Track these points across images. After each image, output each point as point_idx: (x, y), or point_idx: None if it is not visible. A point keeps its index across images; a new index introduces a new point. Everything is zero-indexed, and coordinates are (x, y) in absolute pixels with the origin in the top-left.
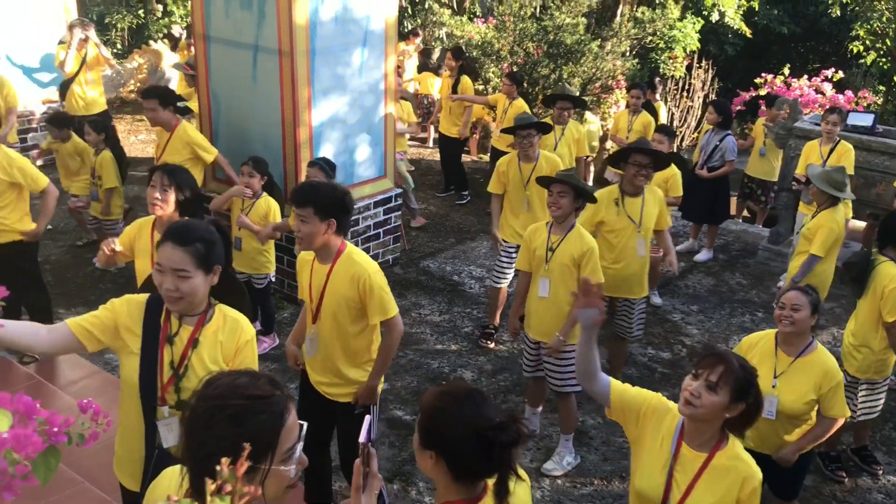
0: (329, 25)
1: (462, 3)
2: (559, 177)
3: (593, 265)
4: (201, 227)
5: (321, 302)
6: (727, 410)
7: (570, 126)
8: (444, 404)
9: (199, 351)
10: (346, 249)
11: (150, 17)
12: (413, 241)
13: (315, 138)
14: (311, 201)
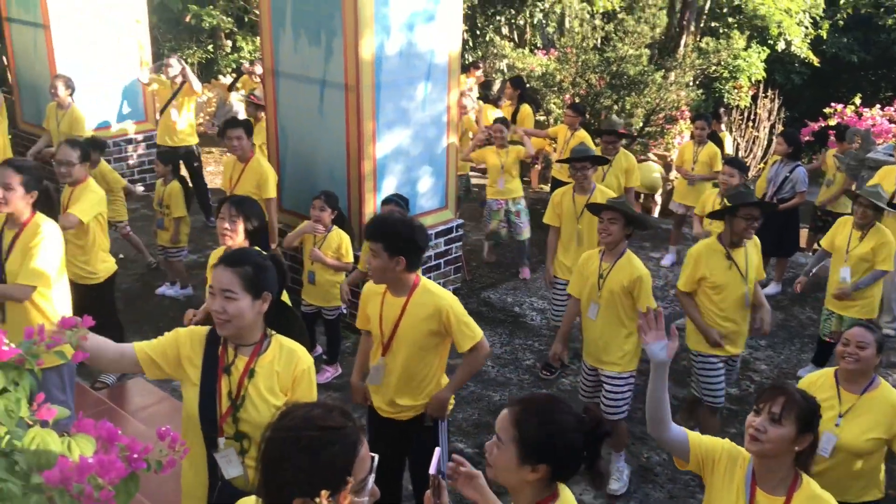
0: (394, 60)
1: (523, 35)
2: (610, 203)
3: (645, 293)
4: (255, 253)
5: (394, 334)
6: (795, 443)
7: (619, 156)
8: (550, 416)
9: (256, 381)
10: (420, 283)
11: (220, 52)
12: (474, 272)
13: (379, 170)
14: (382, 237)
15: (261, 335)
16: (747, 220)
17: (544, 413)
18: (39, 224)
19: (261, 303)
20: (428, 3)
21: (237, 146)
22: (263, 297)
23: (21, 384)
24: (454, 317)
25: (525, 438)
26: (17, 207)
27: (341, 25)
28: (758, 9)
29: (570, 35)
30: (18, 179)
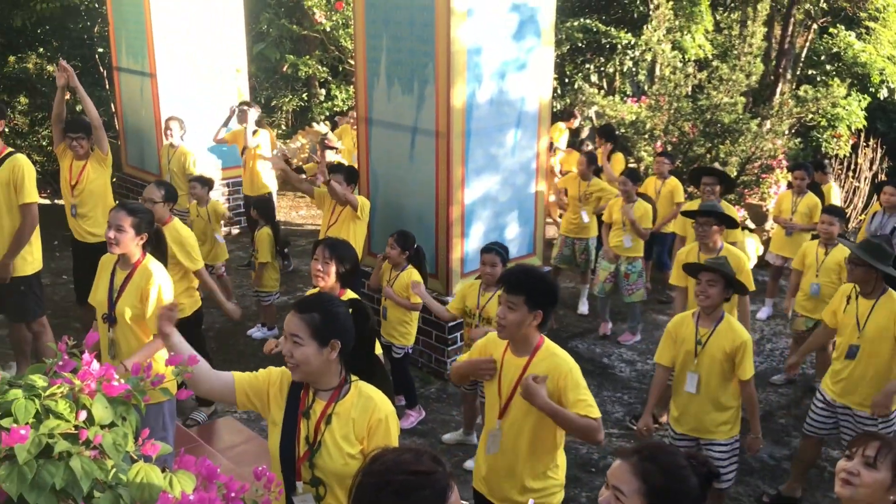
0: (484, 107)
1: (612, 83)
2: (708, 264)
3: (748, 359)
4: (327, 299)
5: (511, 397)
6: (891, 492)
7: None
8: (672, 461)
9: (332, 427)
10: (544, 343)
11: (314, 100)
12: (561, 321)
13: (467, 216)
14: (525, 289)
15: (339, 381)
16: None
17: (664, 460)
18: (151, 270)
19: (329, 350)
20: (520, 52)
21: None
22: (332, 344)
23: (128, 419)
24: (572, 385)
25: (651, 488)
26: (129, 249)
27: (434, 74)
28: (858, 56)
29: (663, 83)
30: (130, 222)
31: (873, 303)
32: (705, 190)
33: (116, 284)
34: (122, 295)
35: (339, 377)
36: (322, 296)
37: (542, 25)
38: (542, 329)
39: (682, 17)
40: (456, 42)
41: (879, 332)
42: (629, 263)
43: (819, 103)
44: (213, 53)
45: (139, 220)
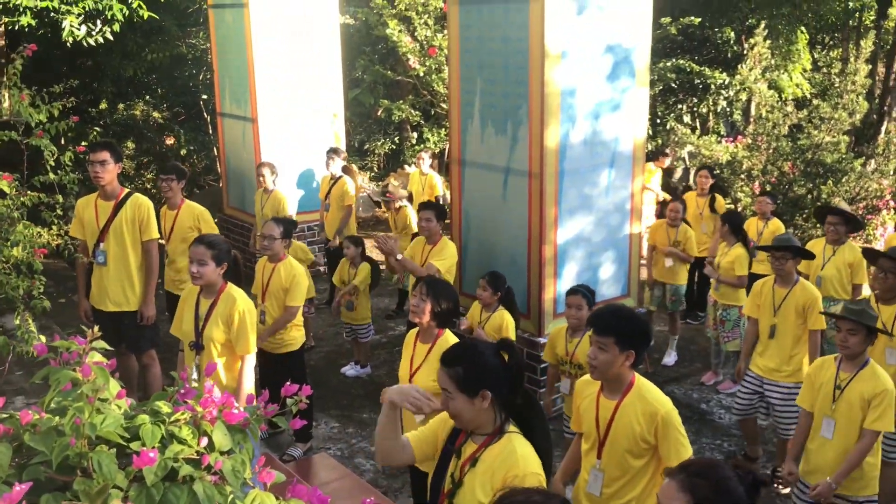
0: (578, 148)
1: (705, 123)
2: (847, 314)
3: (883, 410)
4: (472, 349)
5: (606, 436)
6: None
7: (844, 247)
8: (719, 474)
9: (475, 470)
10: (636, 382)
11: (406, 143)
12: (656, 364)
13: (560, 256)
14: (615, 330)
15: (494, 428)
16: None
17: (712, 473)
18: (235, 297)
19: (480, 400)
20: (614, 92)
21: (425, 227)
22: (482, 394)
23: (245, 446)
24: (667, 426)
25: (700, 501)
26: (211, 280)
27: (527, 115)
28: None
29: (760, 122)
30: (210, 254)
31: None
32: (829, 230)
33: (202, 313)
34: (208, 322)
35: (495, 424)
36: (467, 346)
37: (637, 66)
38: (637, 365)
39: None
40: (550, 84)
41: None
42: (724, 310)
43: None
44: (311, 99)
45: (218, 251)
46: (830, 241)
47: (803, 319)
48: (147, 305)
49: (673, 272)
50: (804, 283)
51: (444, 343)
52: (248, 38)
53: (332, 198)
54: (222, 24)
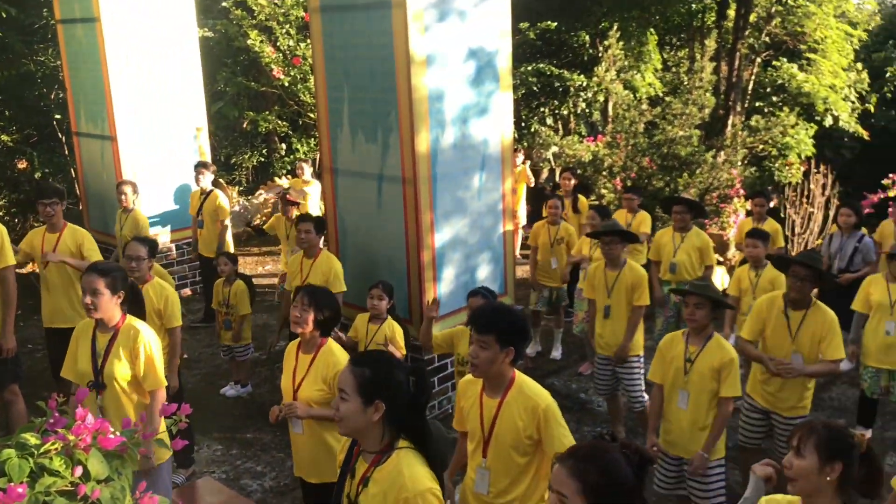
0: (449, 152)
1: (567, 124)
2: (693, 288)
3: (733, 378)
4: (386, 359)
5: (491, 435)
6: (823, 473)
7: (691, 234)
8: (606, 457)
9: (368, 491)
10: (517, 379)
11: (275, 155)
12: (535, 360)
13: (438, 259)
14: (495, 328)
15: (383, 445)
16: (795, 278)
17: (599, 457)
18: (138, 328)
19: (373, 410)
20: (480, 96)
21: (304, 239)
22: (375, 405)
23: (124, 473)
24: (547, 419)
25: (589, 485)
26: (108, 311)
27: (397, 122)
28: (802, 86)
29: (618, 121)
30: (103, 283)
31: (804, 314)
32: (676, 218)
33: (100, 349)
34: (107, 358)
35: (382, 441)
36: (384, 354)
37: (500, 70)
38: (517, 362)
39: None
40: (417, 89)
41: (812, 341)
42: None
43: (770, 132)
44: (173, 114)
45: (113, 279)
46: (678, 228)
47: (633, 299)
48: (6, 337)
49: (557, 275)
50: (632, 264)
51: (327, 352)
52: (101, 54)
53: (204, 213)
54: (73, 40)
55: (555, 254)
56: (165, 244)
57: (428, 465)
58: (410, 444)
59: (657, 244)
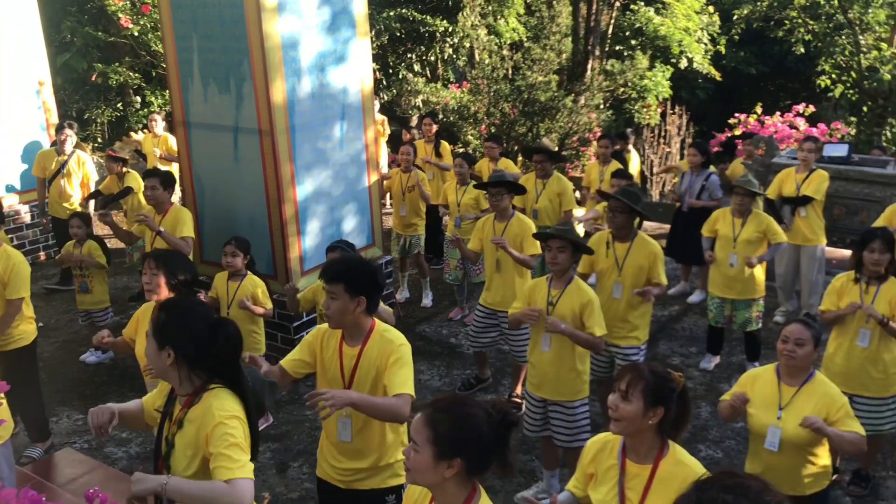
0: (306, 102)
1: (435, 70)
2: (555, 232)
3: (596, 317)
4: (177, 303)
5: (351, 384)
6: (647, 417)
7: (552, 180)
8: (460, 411)
9: (183, 432)
10: (376, 327)
11: (129, 109)
12: (407, 308)
13: (301, 213)
14: (343, 277)
15: (194, 388)
16: (610, 210)
17: (454, 409)
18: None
19: (165, 355)
20: (336, 44)
21: (151, 196)
22: (166, 350)
23: None
24: (396, 359)
25: (439, 435)
26: None
27: (250, 71)
28: (658, 30)
29: (481, 67)
30: None
31: (628, 246)
32: (537, 166)
33: None
34: None
35: (194, 385)
36: (177, 301)
37: (356, 16)
38: (372, 311)
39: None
40: (270, 37)
41: (636, 271)
42: None
43: (626, 76)
44: (9, 67)
45: None
46: (539, 175)
47: (522, 249)
48: None
49: (410, 223)
50: (519, 216)
51: None
52: None
53: (68, 174)
54: None
55: (406, 201)
56: (13, 207)
57: (241, 403)
58: (222, 385)
59: None
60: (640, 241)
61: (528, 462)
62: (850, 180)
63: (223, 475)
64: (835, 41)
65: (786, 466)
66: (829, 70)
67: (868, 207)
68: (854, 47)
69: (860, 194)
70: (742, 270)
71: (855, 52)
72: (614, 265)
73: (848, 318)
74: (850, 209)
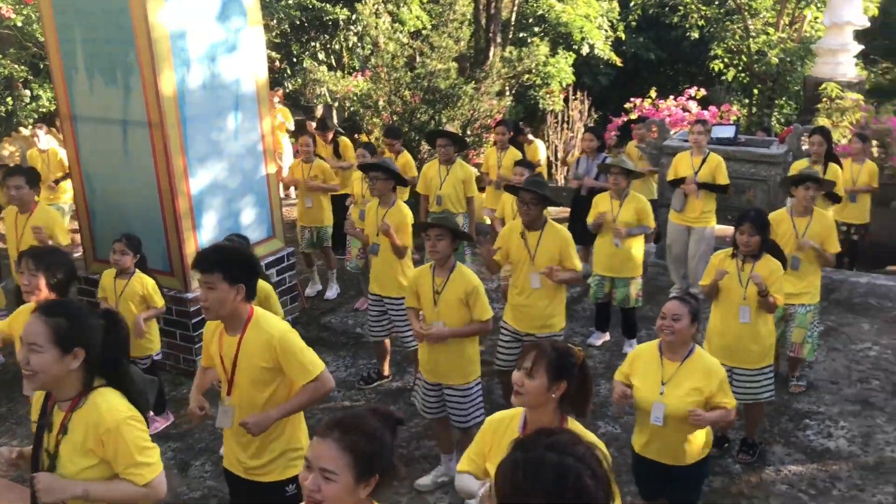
0: (198, 93)
1: (340, 59)
2: (433, 220)
3: (481, 303)
4: (76, 305)
5: (233, 373)
6: (550, 391)
7: (455, 166)
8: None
9: (69, 437)
10: (254, 315)
11: (18, 103)
12: (312, 300)
13: (196, 207)
14: (220, 266)
15: (77, 390)
16: (521, 202)
17: (362, 426)
18: None
19: (70, 358)
20: (228, 33)
21: (16, 196)
22: (74, 353)
23: None
24: (284, 350)
25: (358, 457)
26: None
27: (137, 63)
28: (559, 17)
29: (380, 55)
30: None
31: (539, 234)
32: (441, 151)
33: None
34: None
35: (79, 387)
36: (70, 302)
37: (247, 4)
38: (251, 298)
39: None
40: (156, 27)
41: (549, 258)
42: None
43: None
44: None
45: None
46: (443, 161)
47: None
48: None
49: (317, 215)
50: (400, 203)
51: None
52: None
53: None
54: None
55: (309, 193)
56: None
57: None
58: (106, 384)
59: (425, 178)
60: (550, 229)
61: (433, 448)
62: (737, 160)
63: (141, 481)
64: (726, 26)
65: (670, 439)
66: (721, 54)
67: (754, 186)
68: (744, 32)
69: (746, 174)
70: (622, 250)
71: (745, 36)
72: (527, 255)
73: (727, 294)
74: (737, 188)
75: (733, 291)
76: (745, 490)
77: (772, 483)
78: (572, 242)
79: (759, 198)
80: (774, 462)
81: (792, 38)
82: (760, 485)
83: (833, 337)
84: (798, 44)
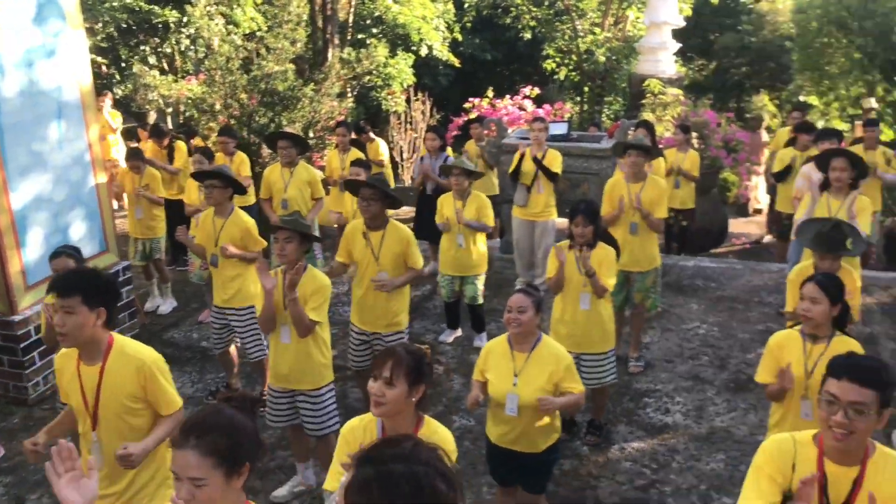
0: (15, 100)
1: (173, 62)
2: (282, 222)
3: (319, 303)
4: None
5: (97, 406)
6: (411, 396)
7: (299, 168)
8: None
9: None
10: (115, 341)
11: None
12: (152, 315)
13: (19, 223)
14: (79, 289)
15: None
16: (362, 199)
17: (218, 424)
18: None
19: None
20: (46, 37)
21: None
22: None
23: None
24: (155, 377)
25: (222, 455)
26: None
27: None
28: (396, 18)
29: (214, 57)
30: None
31: (382, 234)
32: (282, 153)
33: None
34: None
35: None
36: None
37: (66, 7)
38: (111, 324)
39: None
40: None
41: (394, 257)
42: None
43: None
44: None
45: None
46: (286, 164)
47: (244, 245)
48: None
49: (148, 226)
50: (238, 211)
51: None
52: None
53: None
54: None
55: (141, 202)
56: None
57: None
58: None
59: (267, 181)
60: (393, 228)
61: (287, 458)
62: (571, 155)
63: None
64: (556, 27)
65: (524, 428)
66: (553, 54)
67: (588, 180)
68: (573, 32)
69: (580, 168)
70: (467, 250)
71: (574, 36)
72: (371, 255)
73: (568, 283)
74: (572, 182)
75: (573, 280)
76: (594, 470)
77: (617, 461)
78: (415, 241)
79: (593, 191)
80: (619, 440)
81: (617, 37)
82: (607, 464)
83: (665, 318)
84: (622, 43)
